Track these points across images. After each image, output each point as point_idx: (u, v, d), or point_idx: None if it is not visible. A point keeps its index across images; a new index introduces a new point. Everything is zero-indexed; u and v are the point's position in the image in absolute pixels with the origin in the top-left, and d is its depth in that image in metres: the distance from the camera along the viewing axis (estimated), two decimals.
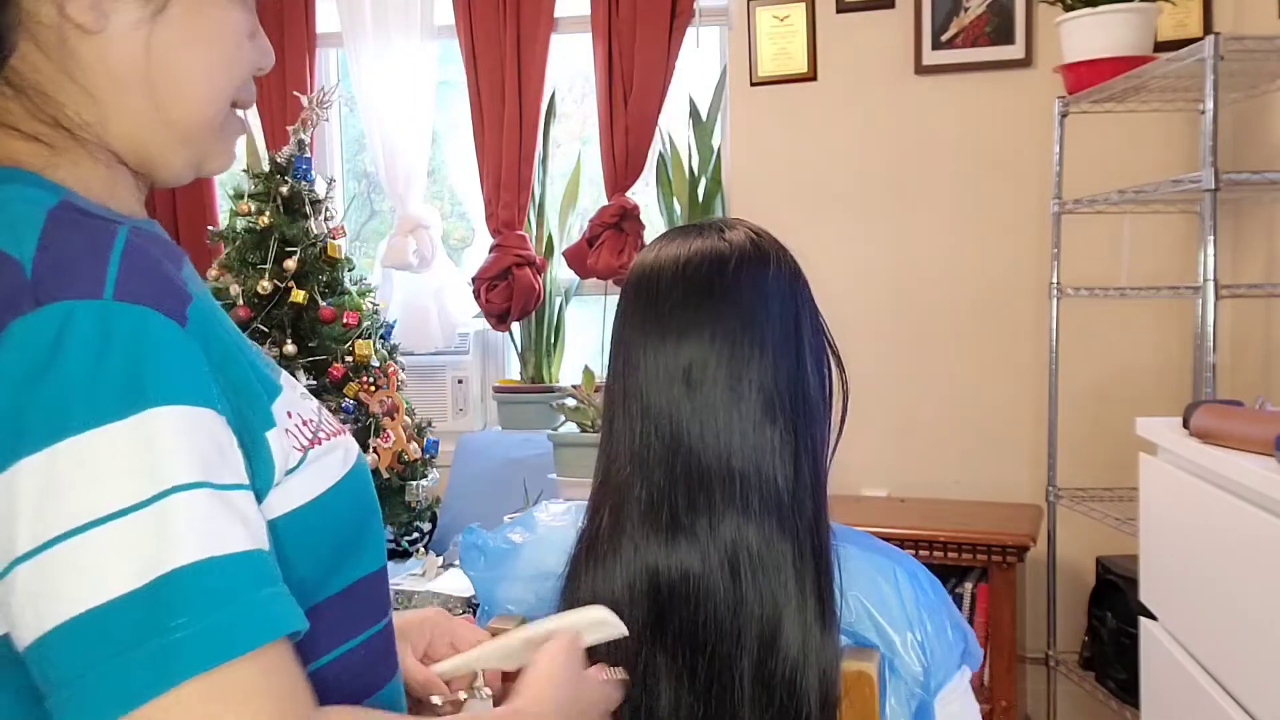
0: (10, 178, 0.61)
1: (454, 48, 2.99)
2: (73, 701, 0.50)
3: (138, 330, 0.54)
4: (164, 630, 0.51)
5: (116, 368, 0.53)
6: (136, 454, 0.52)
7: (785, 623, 0.88)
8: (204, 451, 0.55)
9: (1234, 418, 1.30)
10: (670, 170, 2.92)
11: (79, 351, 0.52)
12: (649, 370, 0.92)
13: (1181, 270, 2.43)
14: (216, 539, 0.53)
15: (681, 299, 0.92)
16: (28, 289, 0.53)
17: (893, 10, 2.66)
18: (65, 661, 0.50)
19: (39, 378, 0.52)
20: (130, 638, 0.50)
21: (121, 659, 0.50)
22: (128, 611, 0.50)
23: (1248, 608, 1.22)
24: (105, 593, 0.50)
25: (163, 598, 0.51)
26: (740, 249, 0.94)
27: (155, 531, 0.52)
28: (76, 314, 0.53)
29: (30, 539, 0.51)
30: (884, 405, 2.70)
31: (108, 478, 0.52)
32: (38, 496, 0.51)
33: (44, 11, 0.61)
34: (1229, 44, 1.80)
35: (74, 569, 0.51)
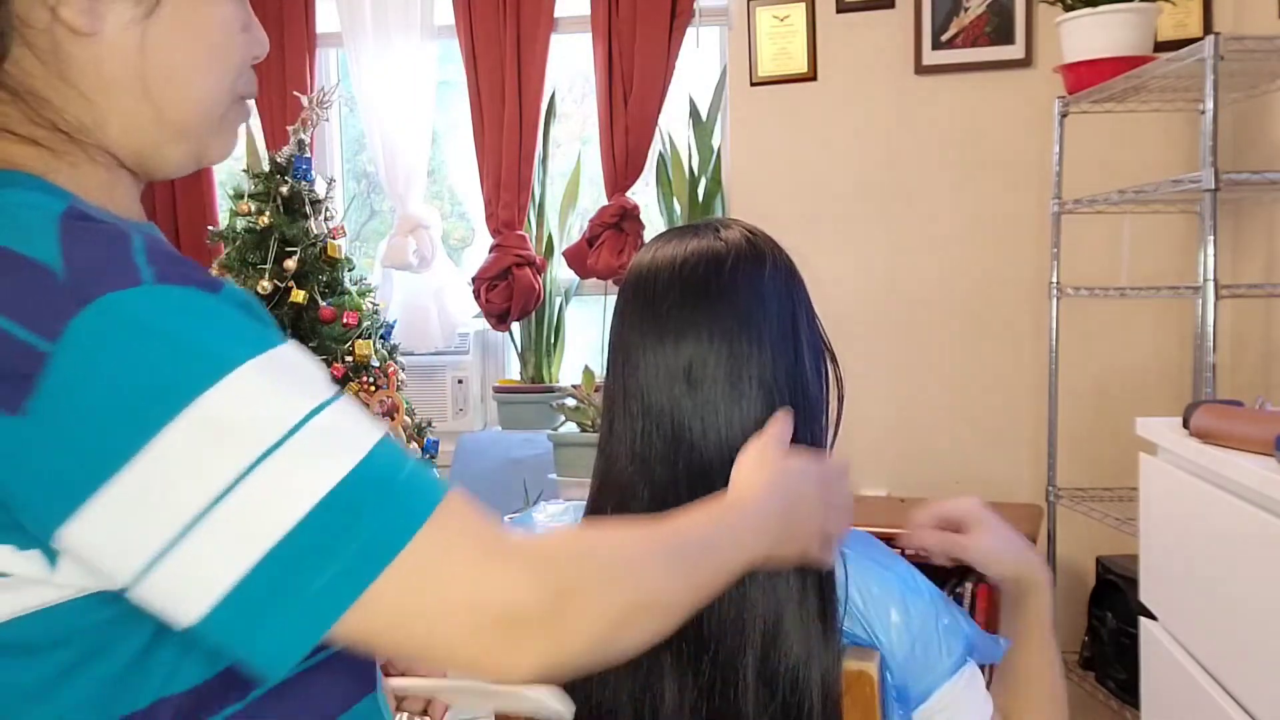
0: (12, 181, 0.60)
1: (454, 48, 2.99)
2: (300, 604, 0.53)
3: (189, 303, 0.55)
4: (355, 530, 0.54)
5: (187, 340, 0.54)
6: (247, 408, 0.54)
7: (787, 619, 0.88)
8: (297, 381, 0.57)
9: (1234, 418, 1.30)
10: (670, 170, 2.92)
11: (151, 331, 0.53)
12: (648, 370, 0.92)
13: (1181, 270, 2.43)
14: (360, 440, 0.56)
15: (679, 299, 0.92)
16: (67, 290, 0.53)
17: (893, 10, 2.66)
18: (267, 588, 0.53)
19: (129, 363, 0.52)
20: (331, 543, 0.53)
21: (328, 564, 0.53)
22: (318, 525, 0.53)
23: (1248, 608, 1.22)
24: (291, 518, 0.53)
25: (340, 504, 0.54)
26: (736, 248, 0.94)
27: (309, 455, 0.54)
28: (127, 302, 0.53)
29: (198, 501, 0.52)
30: (884, 405, 2.70)
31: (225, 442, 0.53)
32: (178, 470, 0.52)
33: (36, 15, 0.60)
34: (1229, 44, 1.80)
35: (242, 516, 0.53)
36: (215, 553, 0.53)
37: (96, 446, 0.52)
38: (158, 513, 0.52)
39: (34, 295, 0.53)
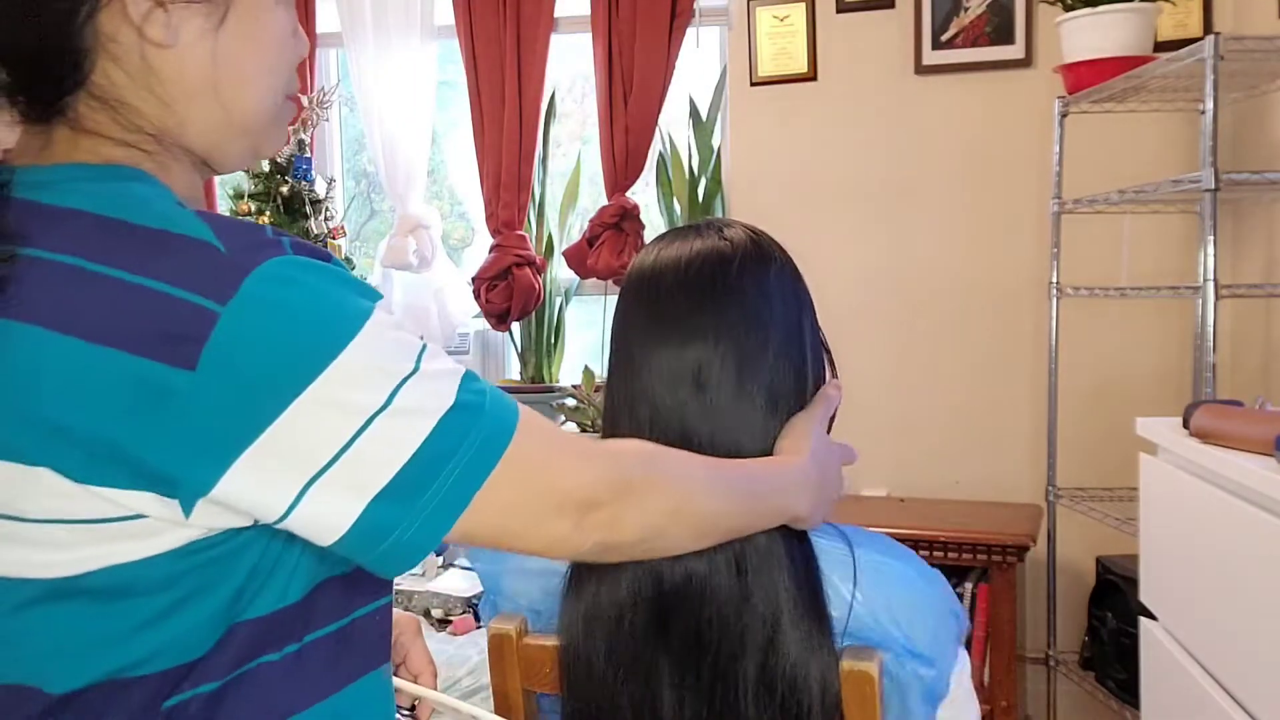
0: (130, 176, 0.67)
1: (454, 48, 2.99)
2: (420, 520, 0.64)
3: (324, 267, 0.64)
4: (467, 441, 0.65)
5: (337, 292, 0.64)
6: (390, 342, 0.65)
7: (784, 621, 0.88)
8: (402, 324, 0.70)
9: (1234, 418, 1.30)
10: (670, 170, 2.92)
11: (310, 286, 0.62)
12: (654, 373, 0.92)
13: (1181, 270, 2.43)
14: (455, 371, 0.68)
15: (685, 300, 0.92)
16: (230, 262, 0.61)
17: (893, 10, 2.66)
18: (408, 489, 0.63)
19: (298, 313, 0.61)
20: (450, 451, 0.65)
21: (444, 473, 0.64)
22: (439, 441, 0.64)
23: (1248, 608, 1.22)
24: (413, 444, 0.63)
25: (454, 422, 0.65)
26: (742, 248, 0.94)
27: (426, 386, 0.65)
28: (283, 267, 0.62)
29: (348, 428, 0.62)
30: (884, 405, 2.70)
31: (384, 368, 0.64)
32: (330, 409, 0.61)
33: (124, 33, 0.67)
34: (1229, 44, 1.80)
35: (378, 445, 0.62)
36: (348, 487, 0.62)
37: (263, 392, 0.60)
38: (310, 449, 0.61)
39: (202, 266, 0.60)
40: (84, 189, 0.64)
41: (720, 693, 0.89)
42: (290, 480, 0.62)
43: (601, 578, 0.92)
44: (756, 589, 0.89)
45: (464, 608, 1.99)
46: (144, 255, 0.60)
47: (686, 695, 0.90)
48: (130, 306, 0.59)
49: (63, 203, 0.63)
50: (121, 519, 0.61)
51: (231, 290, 0.59)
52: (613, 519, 0.71)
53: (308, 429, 0.61)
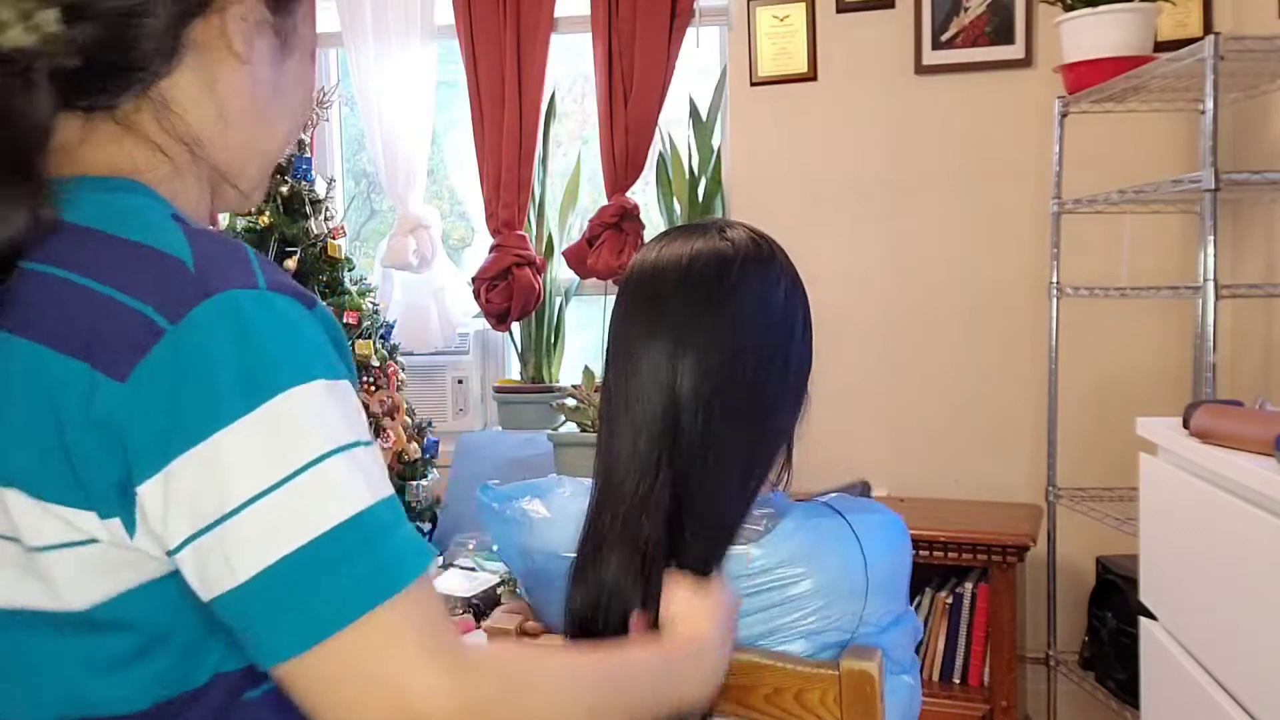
0: (128, 188, 0.67)
1: (454, 48, 2.99)
2: (270, 633, 0.59)
3: (290, 313, 0.62)
4: (349, 566, 0.59)
5: (283, 345, 0.61)
6: (311, 418, 0.60)
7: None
8: (350, 415, 0.63)
9: (1234, 418, 1.30)
10: (670, 170, 2.92)
11: (257, 330, 0.60)
12: (648, 369, 0.92)
13: (1181, 270, 2.43)
14: (376, 487, 0.62)
15: (685, 299, 0.92)
16: (194, 282, 0.60)
17: (893, 10, 2.66)
18: (270, 597, 0.58)
19: (231, 353, 0.59)
20: (330, 568, 0.59)
21: (320, 588, 0.58)
22: (323, 550, 0.58)
23: (1248, 608, 1.22)
24: (305, 534, 0.58)
25: (345, 539, 0.59)
26: (744, 249, 0.94)
27: (340, 480, 0.60)
28: (243, 301, 0.60)
29: (251, 486, 0.58)
30: (884, 405, 2.70)
31: (316, 426, 0.60)
32: (245, 455, 0.58)
33: (212, 44, 0.69)
34: (1229, 44, 1.80)
35: (287, 513, 0.58)
36: (228, 555, 0.58)
37: (176, 425, 0.58)
38: (213, 492, 0.58)
39: (166, 282, 0.60)
40: (90, 200, 0.65)
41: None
42: (184, 520, 0.58)
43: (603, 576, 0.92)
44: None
45: (464, 608, 1.99)
46: (116, 266, 0.61)
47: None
48: (91, 314, 0.59)
49: (76, 220, 0.64)
50: (79, 543, 0.60)
51: (184, 310, 0.59)
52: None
53: (212, 471, 0.58)
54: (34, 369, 0.59)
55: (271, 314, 0.61)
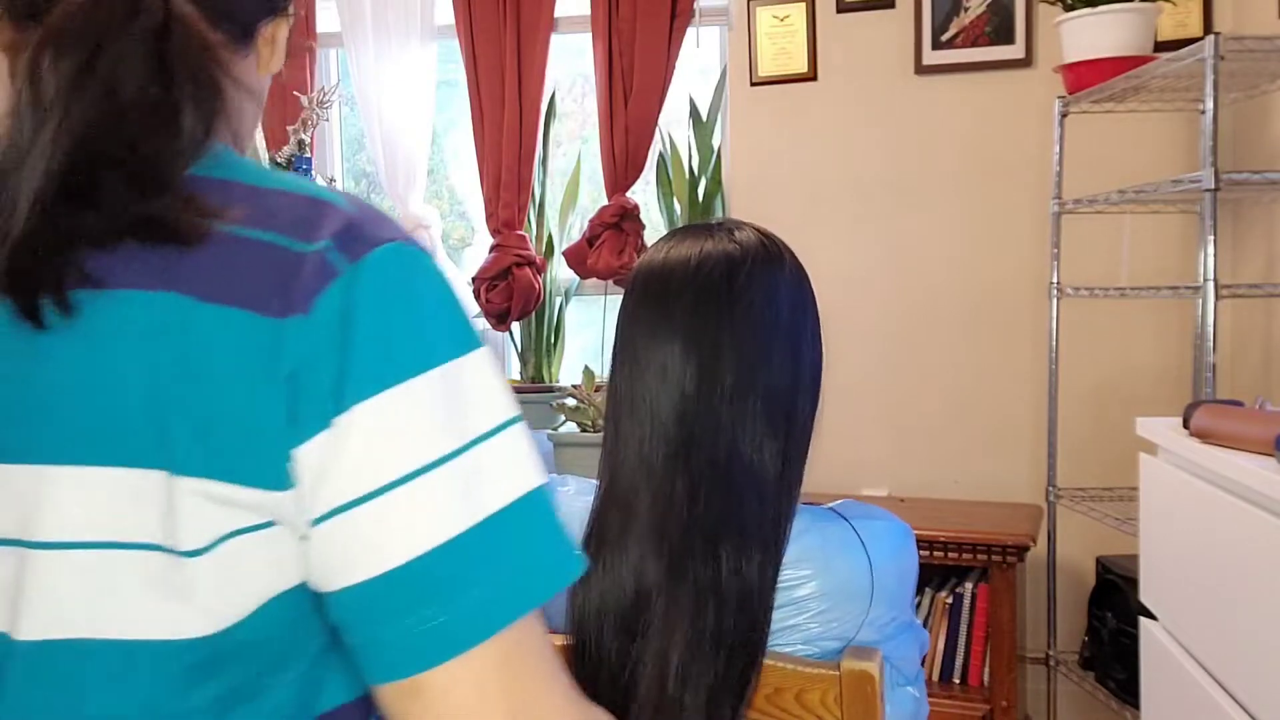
0: (225, 149, 0.62)
1: (454, 48, 2.99)
2: (410, 637, 0.50)
3: (445, 278, 0.57)
4: (504, 559, 0.52)
5: (457, 304, 0.56)
6: (488, 384, 0.55)
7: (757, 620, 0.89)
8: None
9: (1234, 418, 1.30)
10: (670, 170, 2.92)
11: (438, 285, 0.55)
12: (657, 371, 0.92)
13: (1181, 270, 2.43)
14: (537, 470, 0.56)
15: (694, 301, 0.92)
16: (362, 226, 0.55)
17: (893, 10, 2.66)
18: (420, 590, 0.50)
19: (417, 303, 0.54)
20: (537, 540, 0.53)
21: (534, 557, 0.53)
22: (491, 533, 0.52)
23: (1248, 608, 1.22)
24: (478, 513, 0.52)
25: (517, 519, 0.53)
26: (752, 252, 0.94)
27: (506, 460, 0.54)
28: (418, 255, 0.56)
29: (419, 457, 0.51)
30: (884, 404, 2.70)
31: (488, 396, 0.54)
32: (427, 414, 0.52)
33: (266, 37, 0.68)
34: (1229, 44, 1.80)
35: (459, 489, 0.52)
36: (409, 520, 0.51)
37: (366, 363, 0.51)
38: (385, 454, 0.51)
39: (332, 225, 0.54)
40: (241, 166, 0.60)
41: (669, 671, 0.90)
42: (336, 489, 0.51)
43: (605, 577, 0.92)
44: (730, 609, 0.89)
45: None
46: (272, 213, 0.55)
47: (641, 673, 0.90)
48: (263, 263, 0.53)
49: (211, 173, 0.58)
50: (252, 529, 0.51)
51: (361, 252, 0.53)
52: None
53: (374, 435, 0.51)
54: (207, 331, 0.51)
55: (439, 274, 0.56)
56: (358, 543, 0.50)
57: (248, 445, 0.50)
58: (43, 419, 0.50)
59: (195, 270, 0.52)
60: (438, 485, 0.51)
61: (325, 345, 0.51)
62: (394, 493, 0.50)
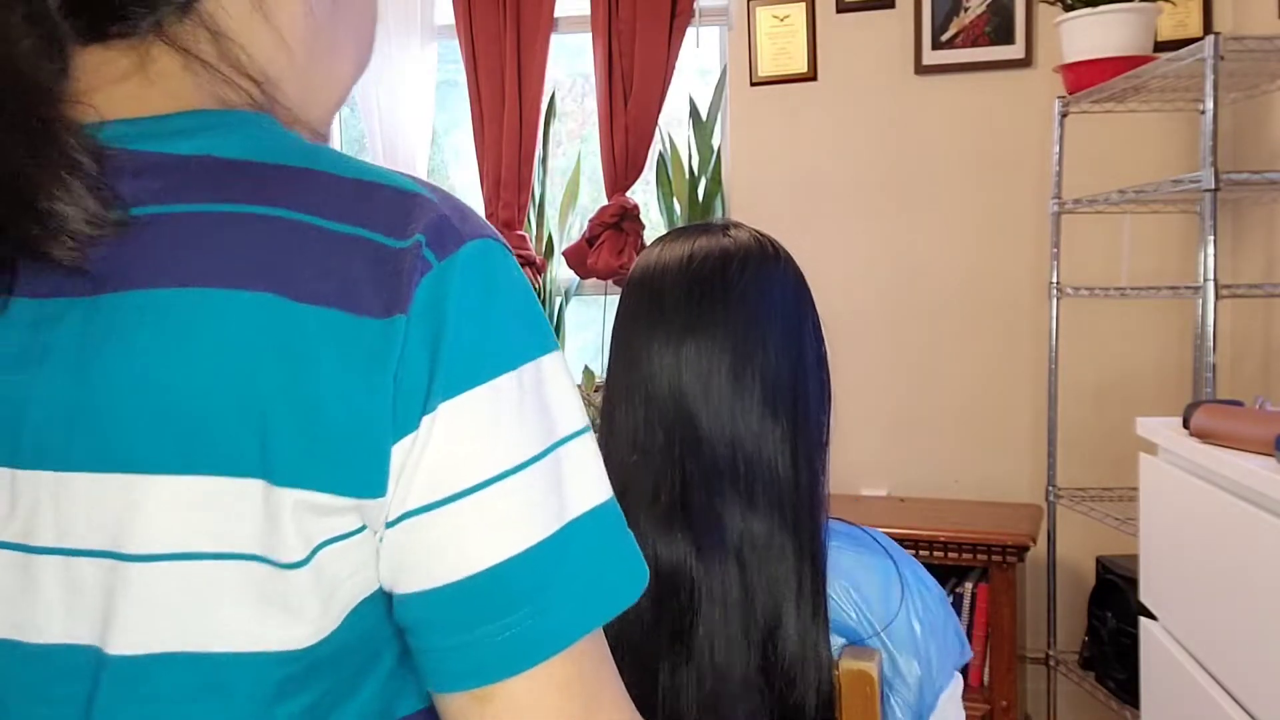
0: (269, 124, 0.54)
1: (454, 48, 3.00)
2: (489, 645, 0.48)
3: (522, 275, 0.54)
4: (595, 562, 0.50)
5: (538, 306, 0.53)
6: (568, 388, 0.53)
7: (785, 617, 0.88)
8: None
9: (1234, 418, 1.30)
10: (670, 170, 2.92)
11: (524, 284, 0.52)
12: (652, 365, 0.92)
13: (1181, 270, 2.43)
14: (607, 480, 0.53)
15: (687, 296, 0.92)
16: (451, 221, 0.51)
17: (893, 10, 2.66)
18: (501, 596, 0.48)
19: (509, 299, 0.51)
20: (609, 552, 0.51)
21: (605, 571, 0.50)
22: (570, 541, 0.49)
23: (1248, 608, 1.22)
24: (557, 521, 0.49)
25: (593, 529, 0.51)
26: (746, 248, 0.95)
27: (585, 461, 0.51)
28: (507, 253, 0.53)
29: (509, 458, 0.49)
30: (884, 404, 2.70)
31: (566, 399, 0.52)
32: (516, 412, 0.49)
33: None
34: (1229, 44, 1.80)
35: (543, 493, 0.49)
36: (494, 523, 0.48)
37: (460, 359, 0.48)
38: (473, 452, 0.48)
39: (422, 218, 0.50)
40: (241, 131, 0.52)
41: (716, 685, 0.89)
42: (416, 490, 0.48)
43: None
44: (758, 583, 0.89)
45: None
46: (344, 201, 0.50)
47: (684, 686, 0.90)
48: (342, 255, 0.48)
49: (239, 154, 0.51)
50: (345, 536, 0.48)
51: (452, 248, 0.50)
52: None
53: (462, 432, 0.48)
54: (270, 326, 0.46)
55: (519, 272, 0.53)
56: (437, 546, 0.48)
57: (354, 454, 0.47)
58: (123, 425, 0.47)
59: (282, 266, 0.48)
60: (520, 489, 0.49)
61: (421, 344, 0.48)
62: (477, 495, 0.48)
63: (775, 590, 0.89)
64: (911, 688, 0.90)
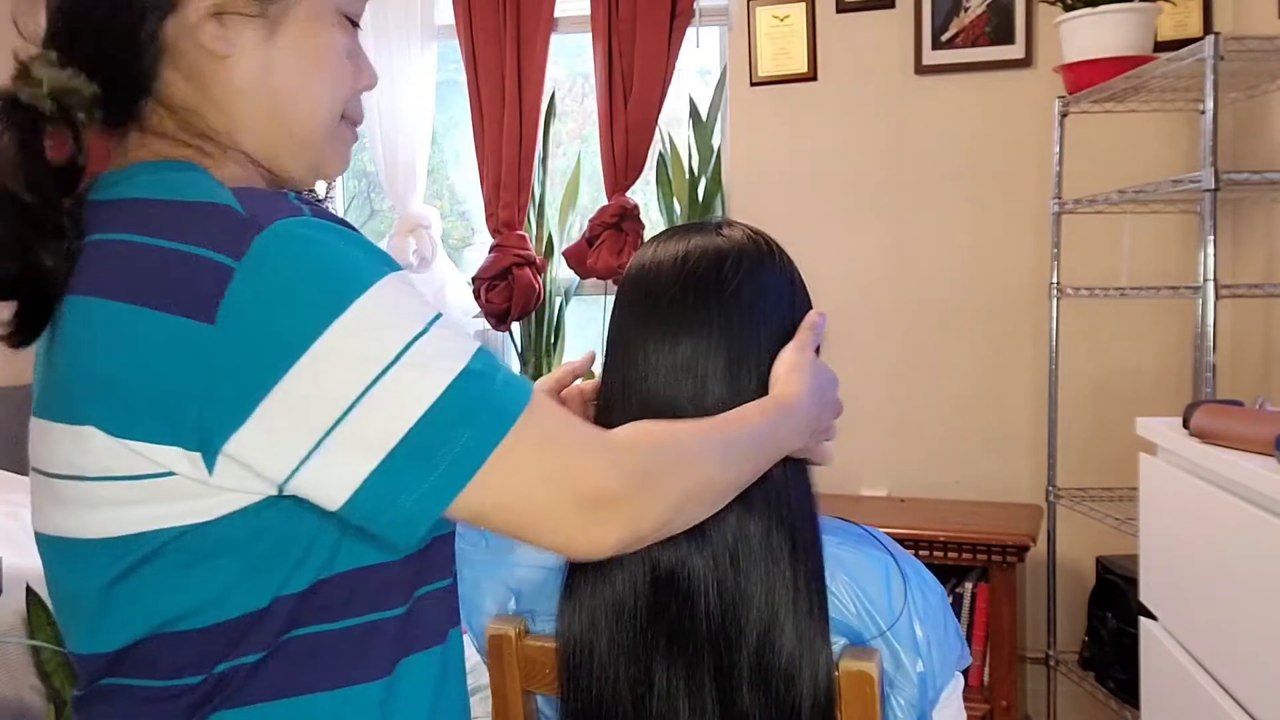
0: (186, 167, 0.73)
1: (454, 48, 3.00)
2: (419, 500, 0.64)
3: (338, 229, 0.67)
4: (464, 424, 0.65)
5: (343, 254, 0.66)
6: (393, 310, 0.65)
7: (782, 616, 0.88)
8: (421, 297, 0.68)
9: (1234, 418, 1.30)
10: (670, 170, 2.92)
11: (316, 247, 0.65)
12: (647, 364, 0.92)
13: (1181, 270, 2.43)
14: (464, 348, 0.67)
15: (681, 295, 0.92)
16: (247, 221, 0.65)
17: (893, 10, 2.66)
18: (406, 469, 0.64)
19: (301, 272, 0.64)
20: (445, 437, 0.64)
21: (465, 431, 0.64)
22: (434, 421, 0.64)
23: (1248, 608, 1.22)
24: (422, 404, 0.64)
25: (452, 402, 0.64)
26: (739, 246, 0.95)
27: (427, 360, 0.64)
28: (294, 226, 0.65)
29: (357, 383, 0.63)
30: (884, 405, 2.70)
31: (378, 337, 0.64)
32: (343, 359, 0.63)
33: (183, 43, 0.73)
34: (1229, 44, 1.80)
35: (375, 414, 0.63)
36: (354, 447, 0.63)
37: (274, 346, 0.62)
38: (319, 405, 0.63)
39: (222, 227, 0.65)
40: (144, 180, 0.71)
41: (715, 685, 0.89)
42: (299, 438, 0.63)
43: (599, 569, 0.92)
44: (755, 584, 0.89)
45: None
46: (178, 224, 0.66)
47: (681, 686, 0.90)
48: (163, 269, 0.64)
49: (127, 195, 0.70)
50: (156, 475, 0.65)
51: (245, 246, 0.63)
52: (633, 515, 0.70)
53: (316, 383, 0.62)
54: (116, 324, 0.64)
55: (323, 231, 0.66)
56: (333, 472, 0.64)
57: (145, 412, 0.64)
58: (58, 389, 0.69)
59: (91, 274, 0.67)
60: (378, 401, 0.63)
61: (236, 345, 0.62)
62: (344, 423, 0.63)
63: (772, 589, 0.89)
64: (914, 684, 0.90)
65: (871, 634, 0.91)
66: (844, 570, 0.92)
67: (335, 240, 0.66)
